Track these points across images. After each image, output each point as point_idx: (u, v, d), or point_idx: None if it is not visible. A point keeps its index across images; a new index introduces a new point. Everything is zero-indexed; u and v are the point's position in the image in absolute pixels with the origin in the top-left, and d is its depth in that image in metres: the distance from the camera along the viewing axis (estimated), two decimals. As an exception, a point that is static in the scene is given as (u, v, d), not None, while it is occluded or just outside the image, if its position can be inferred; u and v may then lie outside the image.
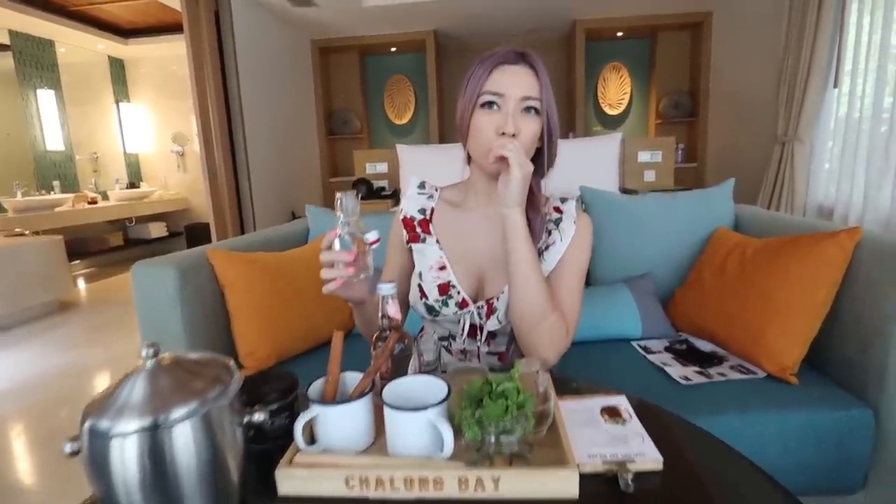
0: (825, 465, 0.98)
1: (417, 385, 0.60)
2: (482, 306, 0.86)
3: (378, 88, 5.30)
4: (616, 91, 5.01)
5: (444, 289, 0.87)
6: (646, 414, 0.65)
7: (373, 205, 3.77)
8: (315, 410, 0.57)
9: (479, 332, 0.88)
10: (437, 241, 0.90)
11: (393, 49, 5.06)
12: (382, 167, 4.03)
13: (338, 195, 0.68)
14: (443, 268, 0.88)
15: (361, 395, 0.57)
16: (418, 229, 0.91)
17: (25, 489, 1.58)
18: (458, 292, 0.87)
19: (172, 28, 4.70)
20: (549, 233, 0.86)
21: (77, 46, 4.89)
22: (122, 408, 0.44)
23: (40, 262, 3.37)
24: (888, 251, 0.98)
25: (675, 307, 1.39)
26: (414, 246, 0.91)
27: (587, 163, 3.41)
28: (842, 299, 1.04)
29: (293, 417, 0.60)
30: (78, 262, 4.79)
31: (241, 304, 1.25)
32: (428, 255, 0.89)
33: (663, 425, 0.64)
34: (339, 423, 0.57)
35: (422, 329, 1.02)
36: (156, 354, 0.47)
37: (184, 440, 0.45)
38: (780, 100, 2.99)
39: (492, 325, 0.86)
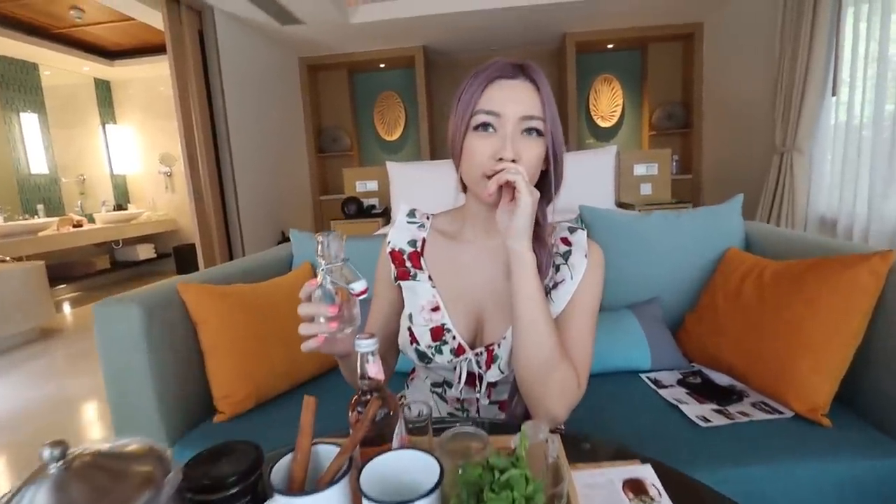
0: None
1: (403, 462, 0.50)
2: (481, 353, 0.76)
3: (368, 105, 5.25)
4: (608, 103, 4.99)
5: (438, 333, 0.77)
6: (673, 484, 0.55)
7: (362, 225, 3.68)
8: (278, 501, 0.46)
9: (478, 382, 0.77)
10: (430, 278, 0.79)
11: (382, 65, 5.02)
12: (373, 185, 3.95)
13: (318, 237, 0.57)
14: (436, 309, 0.78)
15: (334, 480, 0.47)
16: (408, 264, 0.81)
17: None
18: (454, 337, 0.76)
19: (158, 49, 4.62)
20: (557, 268, 0.76)
21: (62, 69, 4.81)
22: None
23: (20, 288, 3.24)
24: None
25: (687, 335, 1.29)
26: (403, 283, 0.81)
27: (582, 177, 3.34)
28: (874, 330, 0.94)
29: (257, 501, 0.50)
30: (63, 286, 4.66)
31: (215, 343, 1.15)
32: (419, 294, 0.79)
33: (694, 500, 0.54)
34: (308, 516, 0.47)
35: (412, 372, 0.92)
36: (63, 455, 0.37)
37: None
38: (776, 109, 2.95)
39: (493, 375, 0.75)
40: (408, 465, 0.50)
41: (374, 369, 0.54)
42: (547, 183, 0.74)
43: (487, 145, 0.68)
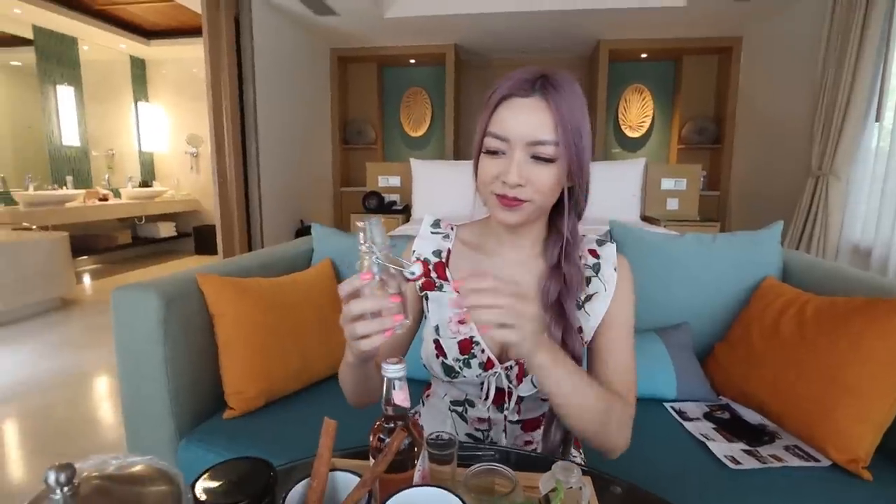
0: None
1: (425, 500, 0.47)
2: (511, 367, 0.73)
3: (395, 100, 5.22)
4: (637, 114, 4.88)
5: (467, 346, 0.74)
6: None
7: (383, 220, 3.66)
8: (292, 533, 0.44)
9: (506, 399, 0.74)
10: (456, 290, 0.76)
11: (412, 61, 4.99)
12: (395, 181, 3.93)
13: (360, 224, 0.52)
14: (463, 321, 0.74)
15: (352, 514, 0.44)
16: (433, 274, 0.78)
17: (15, 493, 1.48)
18: (483, 350, 0.73)
19: (193, 31, 4.68)
20: (588, 281, 0.73)
21: (100, 45, 4.89)
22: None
23: (44, 258, 3.30)
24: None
25: (716, 366, 1.24)
26: (430, 294, 0.78)
27: (608, 189, 3.27)
28: (925, 380, 0.88)
29: (267, 526, 0.47)
30: (85, 258, 4.75)
31: (231, 337, 1.13)
32: (445, 305, 0.76)
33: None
34: (321, 550, 0.44)
35: (428, 388, 0.89)
36: (69, 481, 0.34)
37: None
38: (815, 131, 2.84)
39: (525, 389, 0.72)
40: (430, 502, 0.47)
41: (401, 396, 0.50)
42: (574, 198, 0.70)
43: (495, 167, 0.66)
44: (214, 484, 0.49)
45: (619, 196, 3.24)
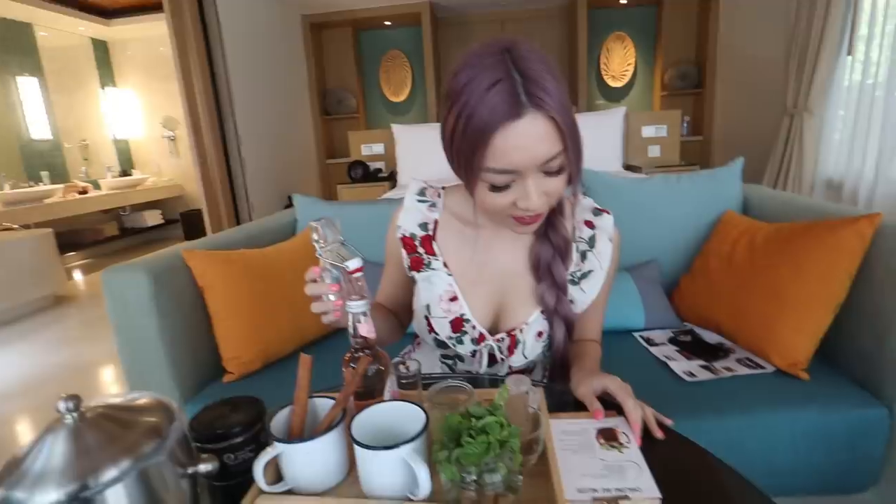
0: (836, 465, 0.93)
1: (392, 412, 0.54)
2: (503, 339, 0.75)
3: (373, 65, 5.13)
4: (620, 62, 4.83)
5: (458, 324, 0.75)
6: (648, 433, 0.59)
7: (369, 189, 3.68)
8: (278, 448, 0.51)
9: (498, 362, 0.77)
10: (445, 265, 0.76)
11: (387, 23, 4.87)
12: (379, 148, 3.92)
13: (312, 224, 0.61)
14: (454, 298, 0.75)
15: (330, 428, 0.51)
16: (421, 250, 0.76)
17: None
18: (474, 327, 0.75)
19: (155, 6, 4.51)
20: (584, 256, 0.74)
21: (58, 29, 4.71)
22: (41, 475, 0.38)
23: (30, 256, 3.29)
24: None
25: (681, 296, 1.32)
26: (418, 275, 0.77)
27: (589, 139, 3.24)
28: (858, 290, 0.96)
29: (260, 450, 0.55)
30: (73, 254, 4.74)
31: (221, 306, 1.19)
32: (435, 284, 0.76)
33: (666, 447, 0.58)
34: (306, 460, 0.52)
35: (416, 337, 0.93)
36: (77, 408, 0.41)
37: (118, 507, 0.39)
38: (789, 69, 2.85)
39: (516, 361, 0.76)
40: (397, 415, 0.54)
41: (366, 328, 0.57)
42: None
43: (505, 197, 0.61)
44: (212, 414, 0.56)
45: (600, 147, 3.26)
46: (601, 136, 3.27)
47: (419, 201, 0.79)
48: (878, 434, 0.91)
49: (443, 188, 0.81)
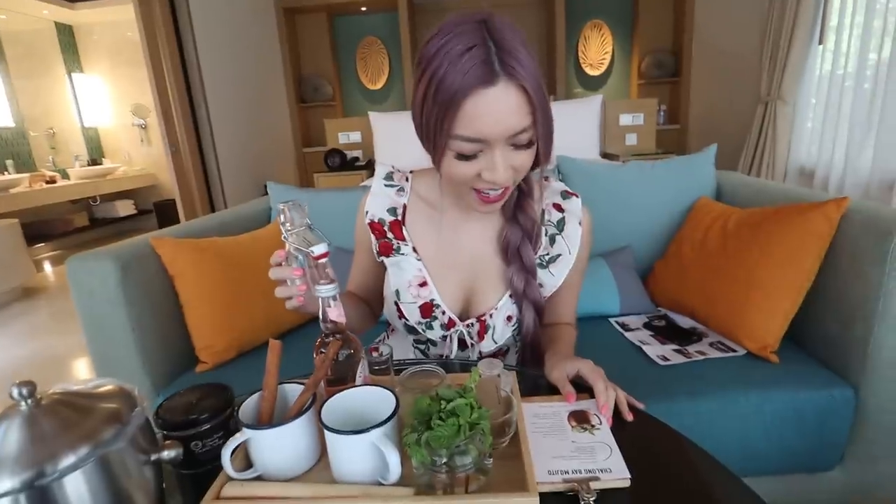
0: (804, 445, 0.95)
1: (363, 397, 0.54)
2: (472, 324, 0.75)
3: (350, 52, 5.03)
4: (597, 51, 4.84)
5: (428, 309, 0.74)
6: (620, 415, 0.59)
7: (347, 178, 3.63)
8: (246, 434, 0.50)
9: (470, 348, 0.77)
10: (415, 250, 0.75)
11: (363, 8, 4.78)
12: (356, 136, 3.87)
13: (280, 205, 0.59)
14: (423, 284, 0.74)
15: (299, 413, 0.51)
16: (389, 235, 0.75)
17: None
18: (444, 312, 0.74)
19: (122, -11, 4.34)
20: (553, 240, 0.74)
21: (18, 12, 4.49)
22: (-8, 462, 0.36)
23: (-4, 248, 3.19)
24: (873, 223, 0.92)
25: (655, 281, 1.34)
26: (387, 260, 0.76)
27: (567, 128, 3.31)
28: (825, 274, 0.99)
29: (229, 437, 0.53)
30: (42, 245, 4.59)
31: (192, 295, 1.16)
32: (405, 269, 0.75)
33: (637, 428, 0.59)
34: (275, 446, 0.51)
35: (389, 325, 0.93)
36: (31, 395, 0.39)
37: (77, 494, 0.38)
38: (763, 58, 2.90)
39: (486, 346, 0.75)
40: (367, 399, 0.53)
41: (336, 313, 0.56)
42: (538, 155, 0.64)
43: (471, 167, 0.60)
44: (180, 401, 0.55)
45: (577, 135, 3.27)
46: (579, 124, 3.28)
47: (387, 185, 0.78)
48: (844, 414, 0.94)
49: (410, 172, 0.80)
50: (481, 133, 0.57)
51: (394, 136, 3.25)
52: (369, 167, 3.75)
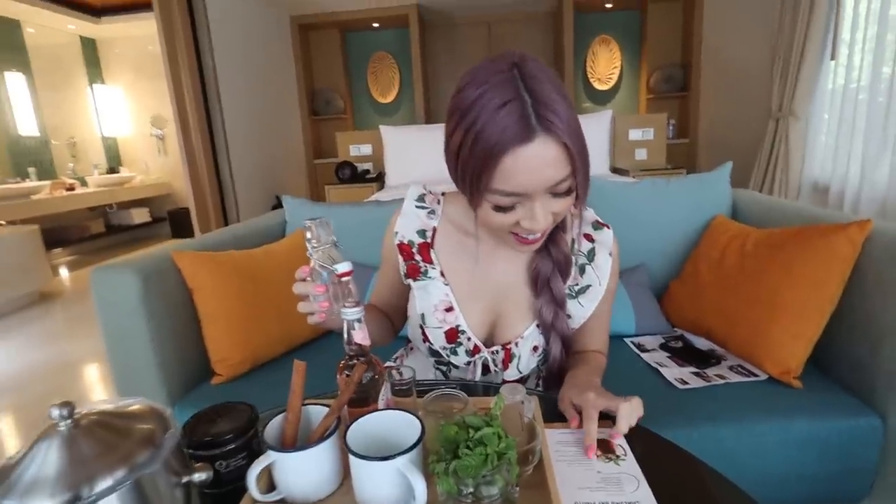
0: (829, 475, 0.92)
1: (387, 421, 0.54)
2: (497, 352, 0.74)
3: (361, 66, 5.11)
4: (606, 66, 4.87)
5: (453, 335, 0.74)
6: (643, 443, 0.59)
7: (357, 191, 3.66)
8: (271, 457, 0.50)
9: (491, 373, 0.77)
10: (442, 274, 0.74)
11: (375, 25, 4.86)
12: (367, 149, 3.91)
13: (307, 222, 0.60)
14: (450, 309, 0.74)
15: (323, 437, 0.51)
16: (418, 257, 0.75)
17: None
18: (469, 339, 0.74)
19: (144, 5, 4.46)
20: (582, 270, 0.73)
21: (46, 27, 4.64)
22: (33, 484, 0.37)
23: (16, 252, 3.25)
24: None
25: (671, 301, 1.33)
26: (414, 284, 0.76)
27: (578, 142, 3.32)
28: (850, 297, 0.97)
29: (252, 457, 0.54)
30: (59, 250, 4.67)
31: (211, 308, 1.17)
32: (431, 293, 0.74)
33: (661, 458, 0.58)
34: (300, 469, 0.51)
35: (409, 341, 0.92)
36: (70, 415, 0.40)
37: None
38: (774, 73, 2.89)
39: (510, 375, 0.75)
40: (392, 423, 0.53)
41: (360, 336, 0.56)
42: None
43: (509, 217, 0.61)
44: (203, 422, 0.55)
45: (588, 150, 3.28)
46: (588, 139, 3.07)
47: (418, 207, 0.77)
48: (871, 444, 0.91)
49: (442, 194, 0.79)
50: (520, 187, 0.57)
51: (404, 149, 3.28)
52: (379, 179, 3.78)
